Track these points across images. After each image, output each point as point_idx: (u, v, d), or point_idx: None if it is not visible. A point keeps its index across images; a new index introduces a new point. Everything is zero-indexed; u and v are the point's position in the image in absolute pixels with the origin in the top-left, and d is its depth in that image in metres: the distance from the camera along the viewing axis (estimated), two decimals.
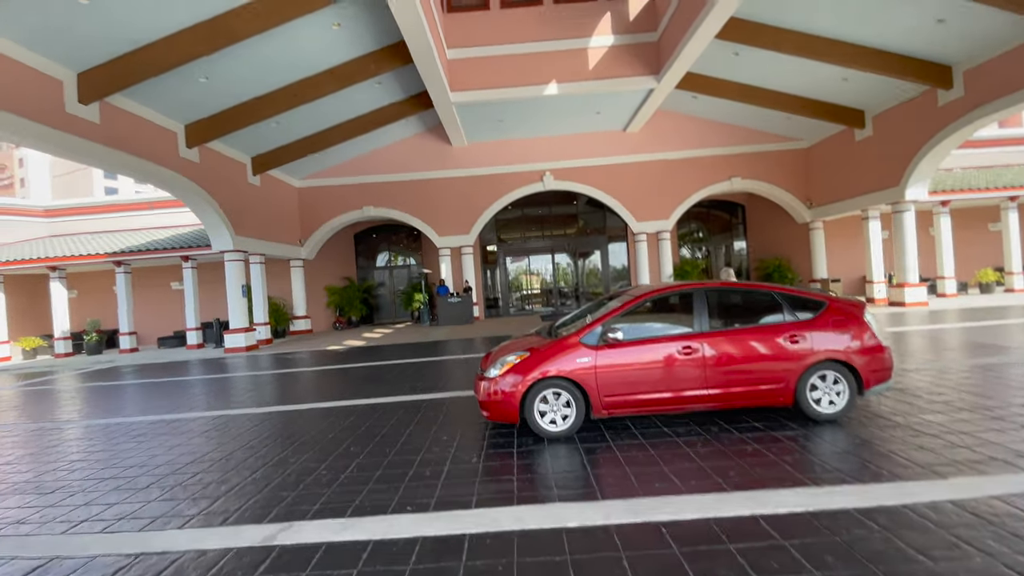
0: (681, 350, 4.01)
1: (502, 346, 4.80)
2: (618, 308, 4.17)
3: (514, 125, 15.69)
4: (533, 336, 4.85)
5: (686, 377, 3.99)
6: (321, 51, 10.75)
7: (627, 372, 3.98)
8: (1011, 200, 14.40)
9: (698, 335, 4.06)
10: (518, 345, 4.51)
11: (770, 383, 4.02)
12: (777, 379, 4.01)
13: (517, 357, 4.11)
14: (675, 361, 4.00)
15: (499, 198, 16.84)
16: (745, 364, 4.01)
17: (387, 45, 11.10)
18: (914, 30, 10.28)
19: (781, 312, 4.17)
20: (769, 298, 4.24)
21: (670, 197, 16.85)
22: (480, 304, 17.48)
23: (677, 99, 15.34)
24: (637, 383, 3.99)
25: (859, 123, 14.14)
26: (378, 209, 16.92)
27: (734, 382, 4.01)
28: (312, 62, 11.06)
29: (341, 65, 11.31)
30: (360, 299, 18.56)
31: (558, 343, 4.10)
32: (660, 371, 4.00)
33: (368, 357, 10.29)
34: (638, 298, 4.21)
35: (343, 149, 15.97)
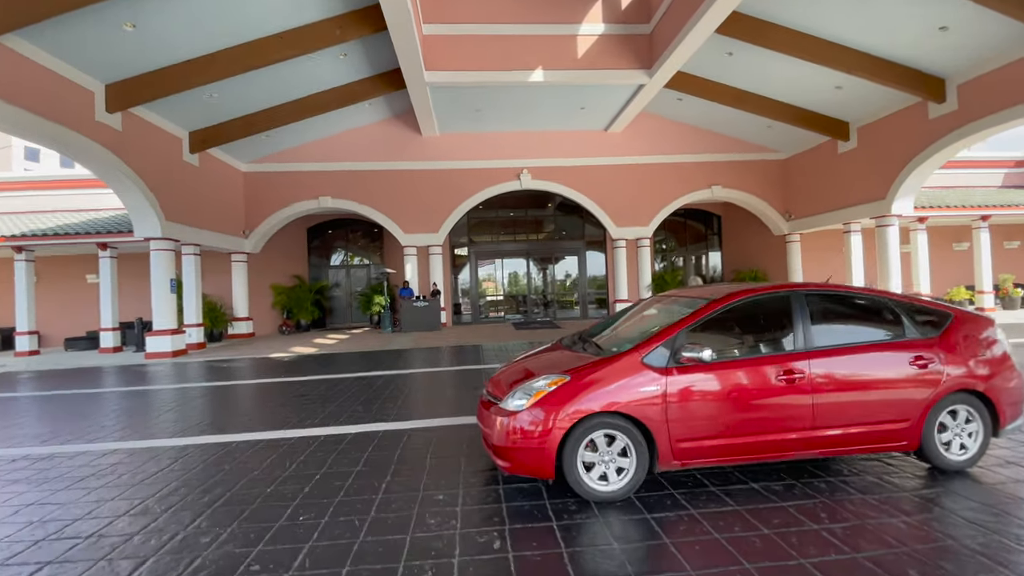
0: (781, 375, 2.89)
1: (516, 363, 3.55)
2: (694, 315, 2.99)
3: (492, 116, 14.49)
4: (559, 350, 3.62)
5: (789, 413, 2.88)
6: (275, 9, 9.16)
7: (711, 406, 2.83)
8: (983, 219, 14.56)
9: (802, 354, 2.96)
10: (545, 363, 3.27)
11: (893, 421, 2.97)
12: (901, 415, 2.97)
13: (552, 383, 2.86)
14: (774, 390, 2.88)
15: (472, 195, 15.55)
16: (862, 394, 2.95)
17: (355, 9, 9.65)
18: (916, 38, 9.91)
19: (899, 326, 3.14)
20: (883, 306, 3.20)
21: (650, 203, 16.13)
22: (448, 309, 16.04)
23: (661, 101, 14.65)
24: (724, 421, 2.84)
25: (843, 135, 13.90)
26: (336, 201, 15.22)
27: (849, 419, 2.93)
28: (264, 22, 9.44)
29: (299, 28, 9.75)
30: (311, 300, 16.70)
31: (610, 363, 2.88)
32: (755, 405, 2.87)
33: (321, 368, 8.70)
34: (719, 302, 3.06)
35: (298, 131, 14.22)
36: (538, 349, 3.93)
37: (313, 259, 18.10)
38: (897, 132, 12.31)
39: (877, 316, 3.20)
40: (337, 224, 18.22)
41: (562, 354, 3.40)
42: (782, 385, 2.88)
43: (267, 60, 9.97)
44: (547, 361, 3.31)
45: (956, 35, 9.55)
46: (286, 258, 17.14)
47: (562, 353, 3.45)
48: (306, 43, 9.86)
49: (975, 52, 9.89)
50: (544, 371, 3.04)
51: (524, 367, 3.32)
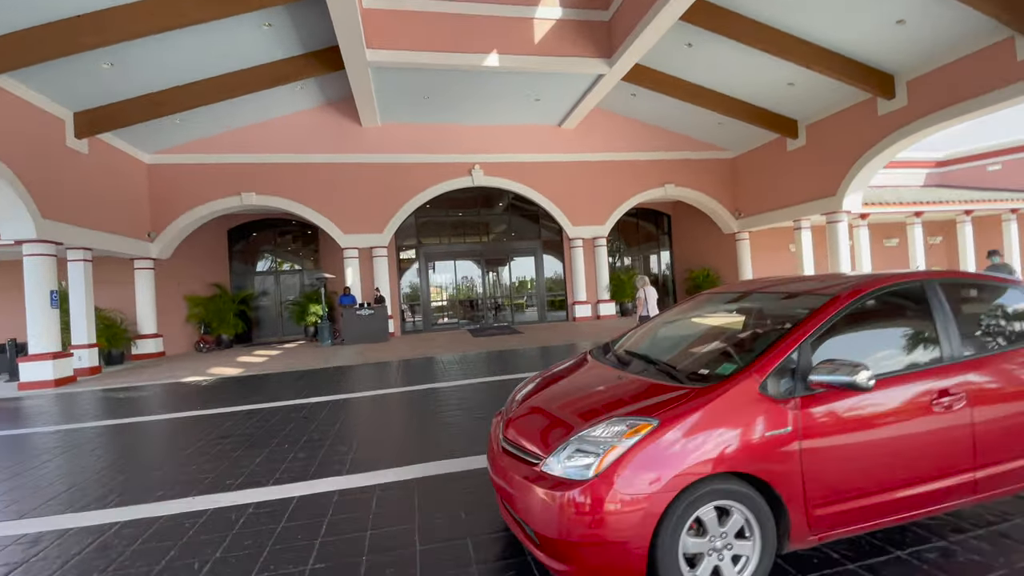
0: (937, 396, 2.06)
1: (544, 392, 2.50)
2: (814, 319, 2.08)
3: (440, 106, 13.31)
4: (596, 368, 2.61)
5: (951, 447, 2.05)
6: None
7: (861, 449, 1.94)
8: (916, 216, 15.29)
9: (955, 366, 2.14)
10: (595, 394, 2.25)
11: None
12: None
13: (632, 431, 1.83)
14: (931, 418, 2.04)
15: (420, 192, 14.25)
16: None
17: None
18: (873, 31, 9.93)
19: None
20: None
21: (606, 201, 15.62)
22: (396, 317, 14.60)
23: (615, 97, 14.17)
24: (876, 470, 1.96)
25: (793, 133, 14.05)
26: (262, 198, 13.37)
27: (1015, 452, 2.15)
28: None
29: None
30: (235, 312, 14.64)
31: (712, 395, 1.89)
32: (911, 441, 2.01)
33: (248, 395, 7.14)
34: (848, 296, 2.17)
35: (216, 116, 12.29)
36: (562, 366, 2.91)
37: (236, 265, 15.97)
38: (846, 129, 12.50)
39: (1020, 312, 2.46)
40: (264, 225, 16.22)
41: (604, 374, 2.42)
42: (940, 410, 2.04)
43: (174, 21, 8.23)
44: (594, 390, 2.30)
45: (912, 29, 9.63)
46: (203, 264, 14.94)
47: (604, 373, 2.46)
48: (221, 6, 8.24)
49: (928, 47, 10.05)
50: (607, 408, 2.02)
51: (564, 401, 2.29)
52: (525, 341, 11.30)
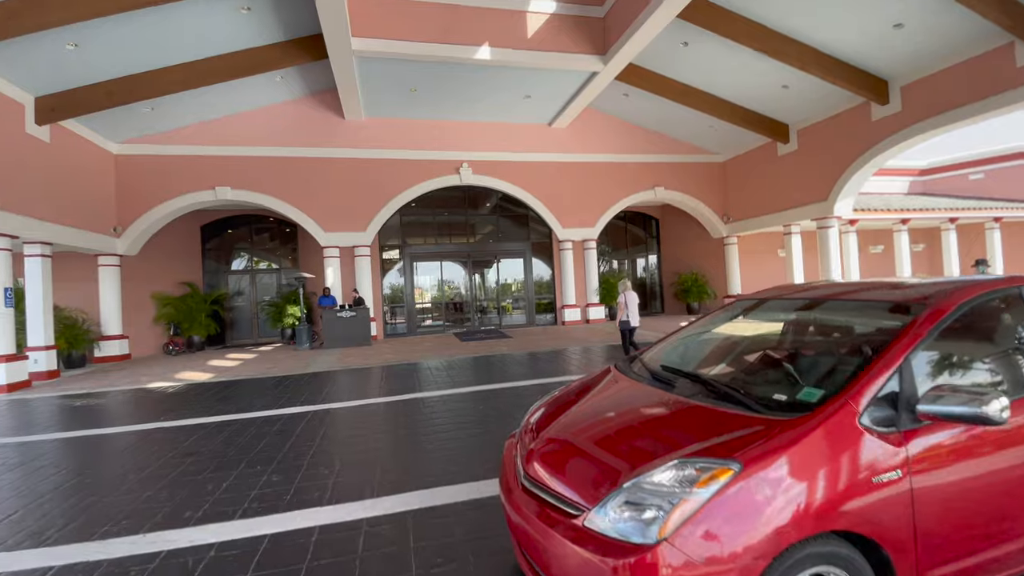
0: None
1: (572, 414, 2.09)
2: (917, 331, 1.70)
3: (428, 100, 12.83)
4: (631, 387, 2.21)
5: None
6: None
7: (982, 491, 1.58)
8: (903, 223, 15.37)
9: None
10: (640, 423, 1.84)
11: None
12: None
13: (707, 478, 1.42)
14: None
15: (406, 189, 13.74)
16: None
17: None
18: (870, 35, 9.82)
19: None
20: None
21: (595, 203, 15.32)
22: (379, 320, 14.02)
23: (607, 97, 13.90)
24: (996, 518, 1.60)
25: (784, 137, 13.97)
26: (238, 192, 12.69)
27: None
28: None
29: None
30: (207, 312, 13.88)
31: (803, 430, 1.50)
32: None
33: (217, 404, 6.56)
34: (950, 305, 1.79)
35: (190, 105, 11.60)
36: (584, 381, 2.50)
37: (209, 263, 15.19)
38: (839, 134, 12.43)
39: None
40: (240, 221, 15.47)
41: (642, 395, 2.03)
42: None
43: (145, 1, 7.61)
44: (637, 417, 1.89)
45: (909, 33, 9.53)
46: (173, 262, 14.15)
47: (642, 394, 2.06)
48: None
49: (924, 52, 9.97)
50: (665, 445, 1.61)
51: (601, 432, 1.87)
52: (515, 346, 10.89)
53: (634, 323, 7.98)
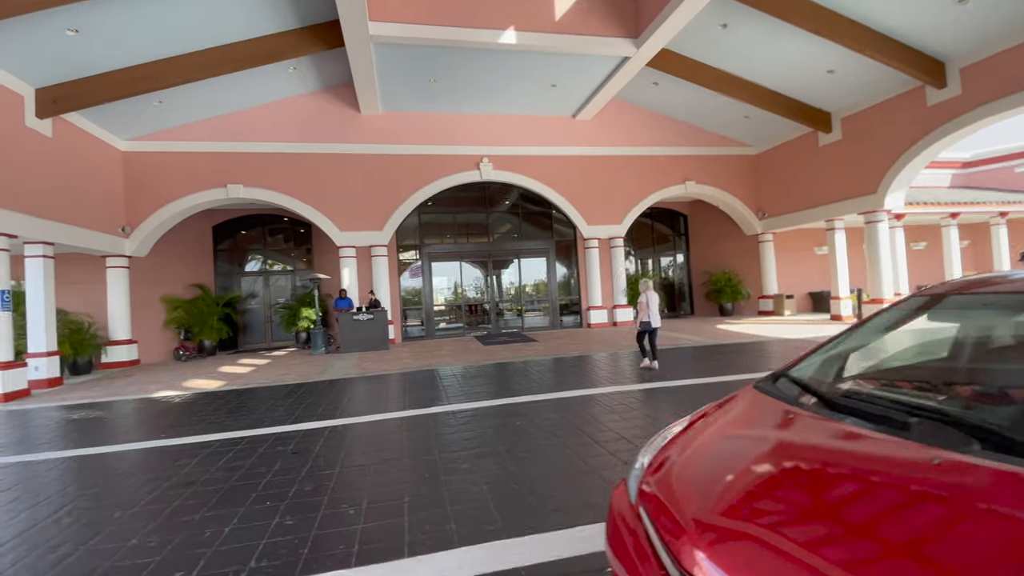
0: None
1: (737, 489, 1.34)
2: None
3: (447, 92, 12.18)
4: (803, 422, 1.47)
5: None
6: None
7: None
8: (952, 217, 14.37)
9: None
10: (892, 514, 1.09)
11: None
12: None
13: None
14: None
15: (424, 186, 13.09)
16: None
17: None
18: (928, 11, 8.95)
19: None
20: None
21: (622, 199, 14.54)
22: (397, 322, 13.37)
23: (635, 85, 13.13)
24: None
25: (825, 126, 13.08)
26: (251, 191, 12.14)
27: None
28: None
29: None
30: (219, 316, 13.34)
31: None
32: None
33: (226, 417, 5.91)
34: None
35: (200, 99, 11.08)
36: (725, 411, 1.77)
37: (221, 265, 14.70)
38: (889, 121, 11.52)
39: None
40: (252, 221, 14.97)
41: (859, 442, 1.29)
42: None
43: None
44: (873, 485, 1.15)
45: (972, 8, 8.65)
46: (184, 264, 13.66)
47: (853, 437, 1.32)
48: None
49: (988, 30, 9.08)
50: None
51: (826, 520, 1.12)
52: (542, 350, 10.15)
53: (655, 324, 7.42)
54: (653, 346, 7.54)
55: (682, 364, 7.78)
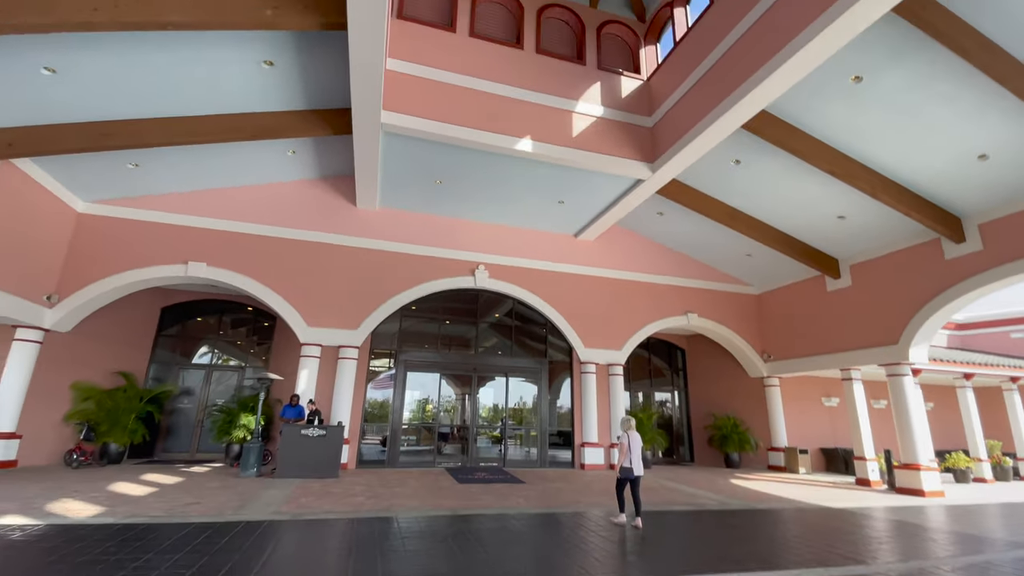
0: None
1: None
2: None
3: (452, 195, 11.60)
4: None
5: None
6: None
7: None
8: (966, 378, 13.58)
9: None
10: None
11: None
12: None
13: None
14: None
15: (412, 287, 11.88)
16: None
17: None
18: (948, 166, 8.93)
19: None
20: None
21: (623, 324, 13.51)
22: (354, 442, 11.13)
23: (639, 213, 12.92)
24: None
25: (833, 272, 12.73)
26: (214, 271, 10.71)
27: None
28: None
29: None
30: (138, 414, 10.98)
31: None
32: None
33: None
34: None
35: (180, 167, 10.17)
36: None
37: (161, 352, 12.67)
38: (904, 272, 11.13)
39: None
40: (210, 307, 13.32)
41: None
42: None
43: (146, 17, 6.32)
44: None
45: (994, 165, 8.63)
46: (115, 346, 11.63)
47: None
48: (224, 14, 6.47)
49: (1004, 188, 9.03)
50: None
51: None
52: (535, 498, 8.09)
53: (637, 471, 6.29)
54: (637, 499, 6.26)
55: (726, 540, 5.92)
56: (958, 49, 6.55)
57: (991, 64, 6.58)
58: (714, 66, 8.86)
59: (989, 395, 16.07)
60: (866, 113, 8.36)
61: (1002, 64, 6.57)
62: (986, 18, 6.31)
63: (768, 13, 7.61)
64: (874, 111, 8.28)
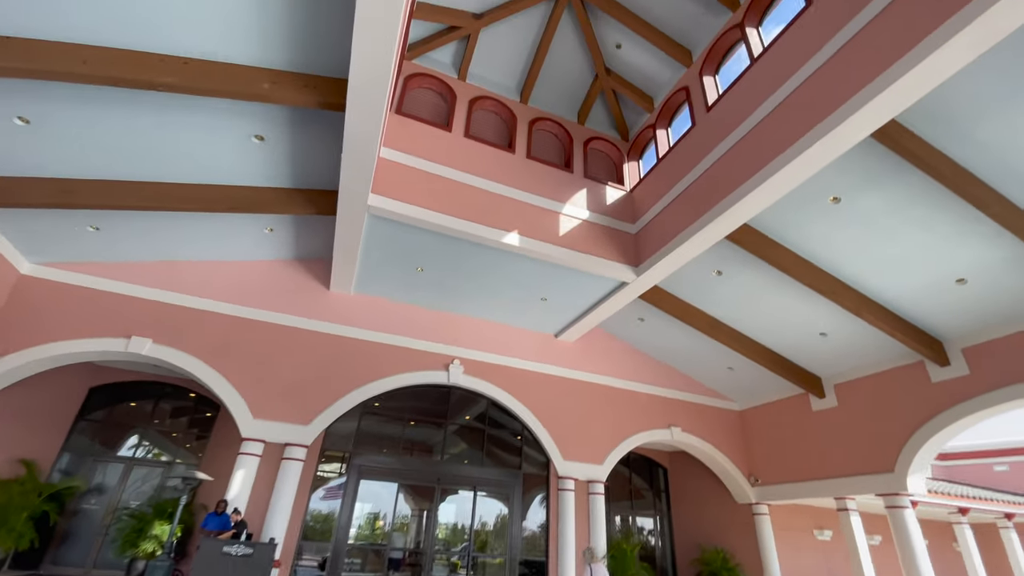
0: None
1: None
2: None
3: (432, 285, 11.19)
4: None
5: None
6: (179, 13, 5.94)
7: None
8: (961, 513, 12.75)
9: None
10: None
11: None
12: None
13: None
14: None
15: (378, 379, 10.91)
16: None
17: (301, 73, 6.74)
18: (925, 287, 9.07)
19: None
20: None
21: (604, 435, 12.56)
22: (286, 564, 9.31)
23: (620, 319, 12.74)
24: None
25: (817, 391, 12.38)
26: (159, 349, 9.64)
27: None
28: (153, 28, 6.05)
29: (209, 62, 6.44)
30: (31, 513, 9.13)
31: None
32: None
33: None
34: None
35: (147, 235, 9.60)
36: None
37: (78, 439, 11.03)
38: (891, 394, 10.84)
39: None
40: (147, 390, 11.94)
41: None
42: None
43: (140, 79, 6.16)
44: None
45: (973, 289, 8.78)
46: (22, 429, 10.08)
47: None
48: (220, 82, 6.40)
49: (985, 312, 9.12)
50: None
51: None
52: None
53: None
54: None
55: None
56: (935, 174, 6.87)
57: (967, 189, 6.88)
58: (695, 182, 9.21)
59: (983, 533, 15.11)
60: (845, 233, 8.60)
61: (978, 190, 6.88)
62: (958, 147, 6.72)
63: (750, 135, 8.05)
64: (852, 231, 8.53)
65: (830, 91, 6.58)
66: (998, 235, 7.57)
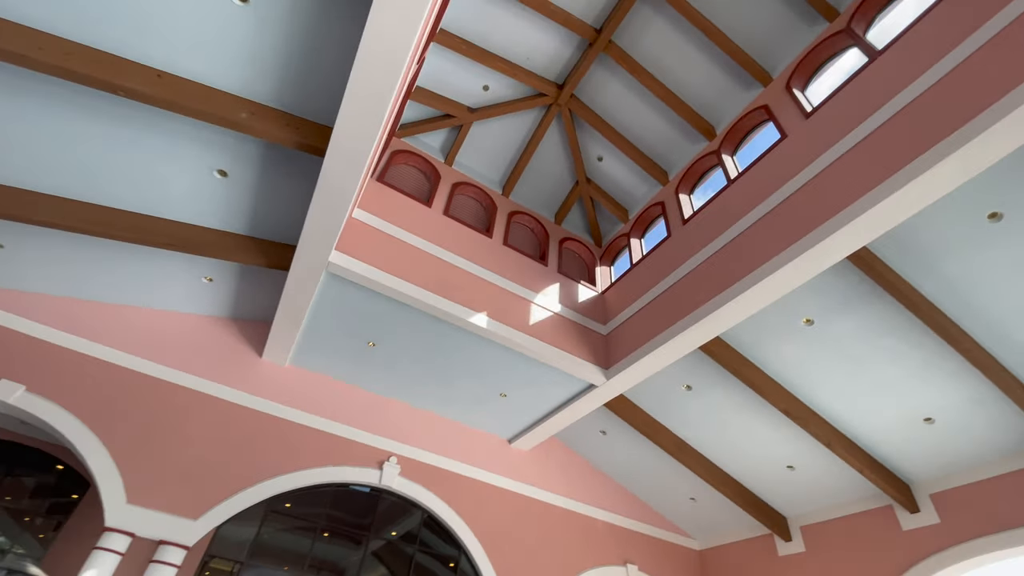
0: None
1: None
2: None
3: (381, 364, 10.05)
4: None
5: None
6: (166, 25, 5.58)
7: None
8: None
9: None
10: None
11: None
12: None
13: None
14: None
15: (296, 471, 9.13)
16: None
17: (286, 112, 6.39)
18: (889, 424, 8.85)
19: None
20: None
21: (553, 568, 10.79)
22: None
23: (580, 430, 11.85)
24: None
25: (783, 532, 11.41)
26: (32, 399, 7.77)
27: None
28: (126, 32, 5.62)
29: (189, 81, 5.97)
30: None
31: None
32: None
33: None
34: None
35: (55, 258, 8.25)
36: None
37: None
38: (862, 540, 10.03)
39: None
40: (5, 453, 9.49)
41: None
42: None
43: (100, 78, 5.55)
44: None
45: (940, 429, 8.58)
46: None
47: None
48: (193, 100, 5.86)
49: (953, 454, 8.85)
50: None
51: None
52: None
53: None
54: None
55: None
56: (908, 303, 6.93)
57: (937, 320, 6.93)
58: (670, 288, 9.12)
59: None
60: (817, 357, 8.46)
61: (947, 323, 6.94)
62: (927, 280, 6.88)
63: (725, 249, 8.15)
64: (824, 356, 8.40)
65: (805, 213, 6.79)
66: (966, 372, 7.56)
